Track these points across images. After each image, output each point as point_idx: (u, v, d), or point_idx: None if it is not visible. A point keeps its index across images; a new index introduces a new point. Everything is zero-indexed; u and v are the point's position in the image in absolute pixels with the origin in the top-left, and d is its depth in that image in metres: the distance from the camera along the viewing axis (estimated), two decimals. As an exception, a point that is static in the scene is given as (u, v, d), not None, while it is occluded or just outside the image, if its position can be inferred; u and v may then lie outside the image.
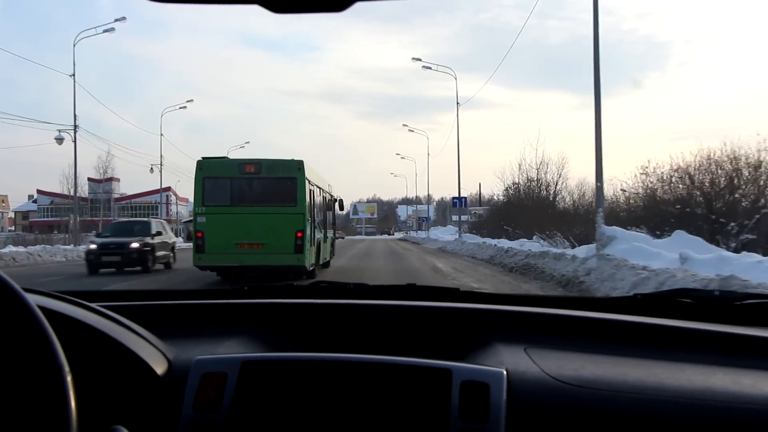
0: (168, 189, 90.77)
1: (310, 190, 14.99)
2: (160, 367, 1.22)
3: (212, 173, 14.18)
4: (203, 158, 14.46)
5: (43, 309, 0.86)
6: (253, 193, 14.41)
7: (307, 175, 14.41)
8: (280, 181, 14.27)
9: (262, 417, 1.18)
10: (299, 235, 13.78)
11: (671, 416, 1.09)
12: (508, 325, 1.43)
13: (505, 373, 1.19)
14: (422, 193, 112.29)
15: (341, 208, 22.61)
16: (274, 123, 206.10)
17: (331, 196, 20.44)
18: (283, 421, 1.17)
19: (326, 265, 18.60)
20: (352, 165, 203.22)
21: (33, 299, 0.84)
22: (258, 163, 14.41)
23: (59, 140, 32.35)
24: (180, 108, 46.83)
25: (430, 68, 39.34)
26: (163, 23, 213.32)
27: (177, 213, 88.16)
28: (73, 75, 31.58)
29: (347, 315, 1.50)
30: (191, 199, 15.65)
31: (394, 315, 1.49)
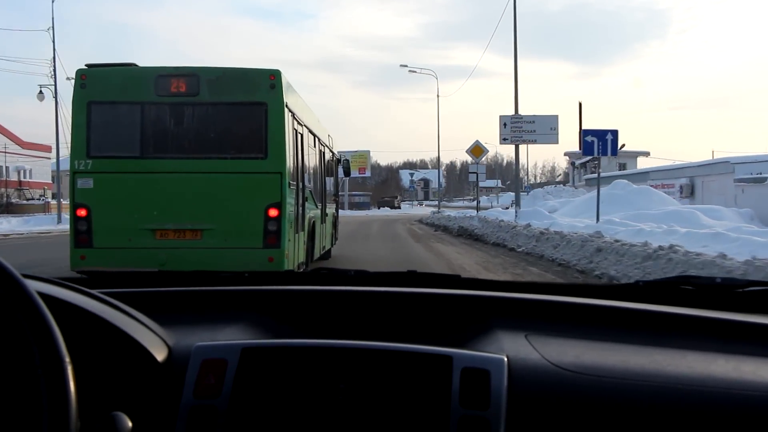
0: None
1: (296, 131, 8.54)
2: (160, 354, 1.22)
3: (105, 95, 7.61)
4: (88, 65, 7.76)
5: (43, 295, 0.86)
6: (185, 133, 7.77)
7: (289, 101, 7.84)
8: (235, 110, 7.69)
9: (263, 403, 1.18)
10: (273, 214, 7.48)
11: (672, 403, 1.09)
12: (509, 311, 1.43)
13: (505, 359, 1.19)
14: (424, 158, 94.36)
15: (347, 173, 15.79)
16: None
17: (332, 152, 13.38)
18: (283, 407, 1.17)
19: (326, 255, 13.05)
20: (350, 137, 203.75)
21: (33, 285, 0.84)
22: (193, 75, 7.57)
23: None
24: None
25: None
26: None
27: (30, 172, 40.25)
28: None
29: (348, 302, 1.50)
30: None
31: (395, 302, 1.49)
